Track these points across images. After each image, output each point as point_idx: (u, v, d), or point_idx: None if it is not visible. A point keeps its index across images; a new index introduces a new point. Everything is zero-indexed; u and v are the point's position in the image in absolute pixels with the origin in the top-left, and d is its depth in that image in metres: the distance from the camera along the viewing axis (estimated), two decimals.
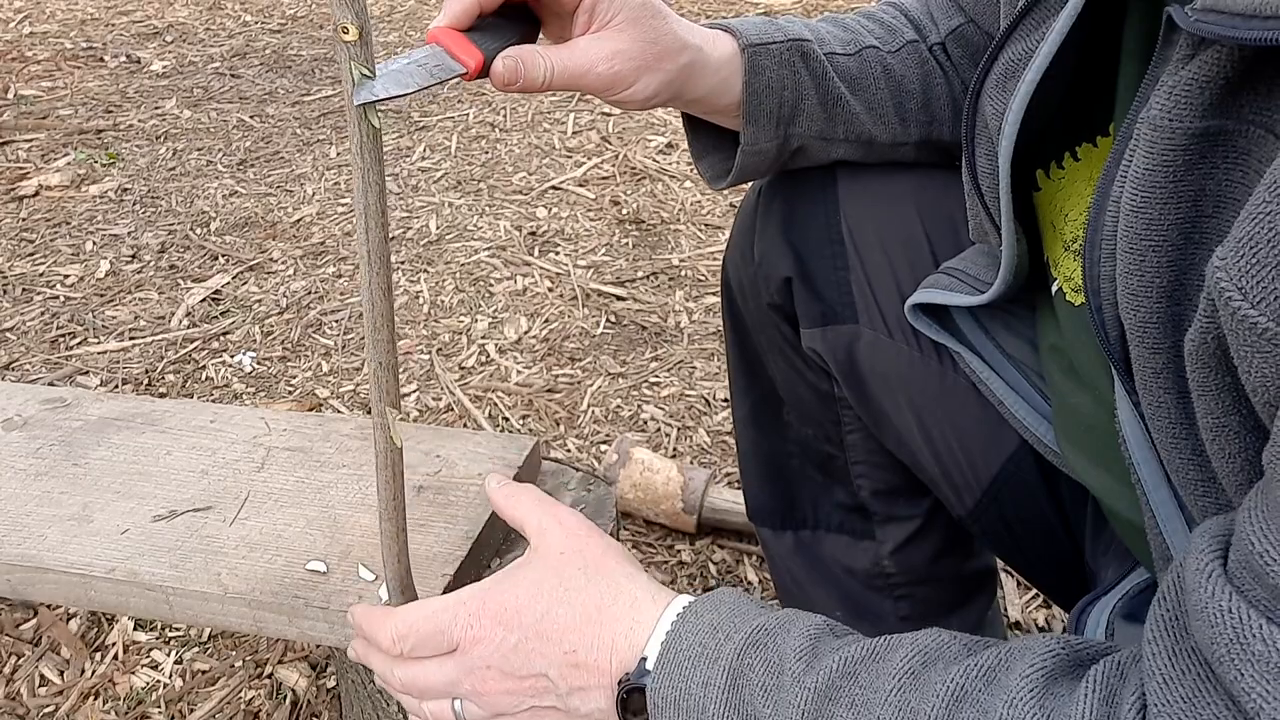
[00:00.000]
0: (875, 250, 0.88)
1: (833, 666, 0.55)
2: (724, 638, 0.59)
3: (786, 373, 0.98)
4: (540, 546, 0.65)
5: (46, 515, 0.99)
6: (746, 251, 0.94)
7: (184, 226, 2.50)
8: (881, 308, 0.88)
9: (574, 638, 0.61)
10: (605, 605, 0.61)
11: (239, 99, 3.30)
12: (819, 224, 0.89)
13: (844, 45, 0.86)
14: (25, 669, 1.33)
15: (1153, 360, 0.54)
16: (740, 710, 0.56)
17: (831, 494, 1.03)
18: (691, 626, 0.60)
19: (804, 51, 0.83)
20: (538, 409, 1.78)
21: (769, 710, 0.55)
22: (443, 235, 2.40)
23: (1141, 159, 0.51)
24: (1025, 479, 0.87)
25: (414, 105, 3.17)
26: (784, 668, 0.56)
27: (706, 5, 4.02)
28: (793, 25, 0.85)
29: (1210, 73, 0.48)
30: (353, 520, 0.96)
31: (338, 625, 0.88)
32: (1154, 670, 0.46)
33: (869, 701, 0.53)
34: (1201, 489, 0.56)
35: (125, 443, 1.09)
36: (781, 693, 0.55)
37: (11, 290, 2.26)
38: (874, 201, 0.88)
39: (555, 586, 0.63)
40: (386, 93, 0.61)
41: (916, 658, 0.55)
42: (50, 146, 2.98)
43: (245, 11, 4.26)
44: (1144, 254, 0.52)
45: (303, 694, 1.26)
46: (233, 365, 1.97)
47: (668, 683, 0.58)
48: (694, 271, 2.19)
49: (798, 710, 0.54)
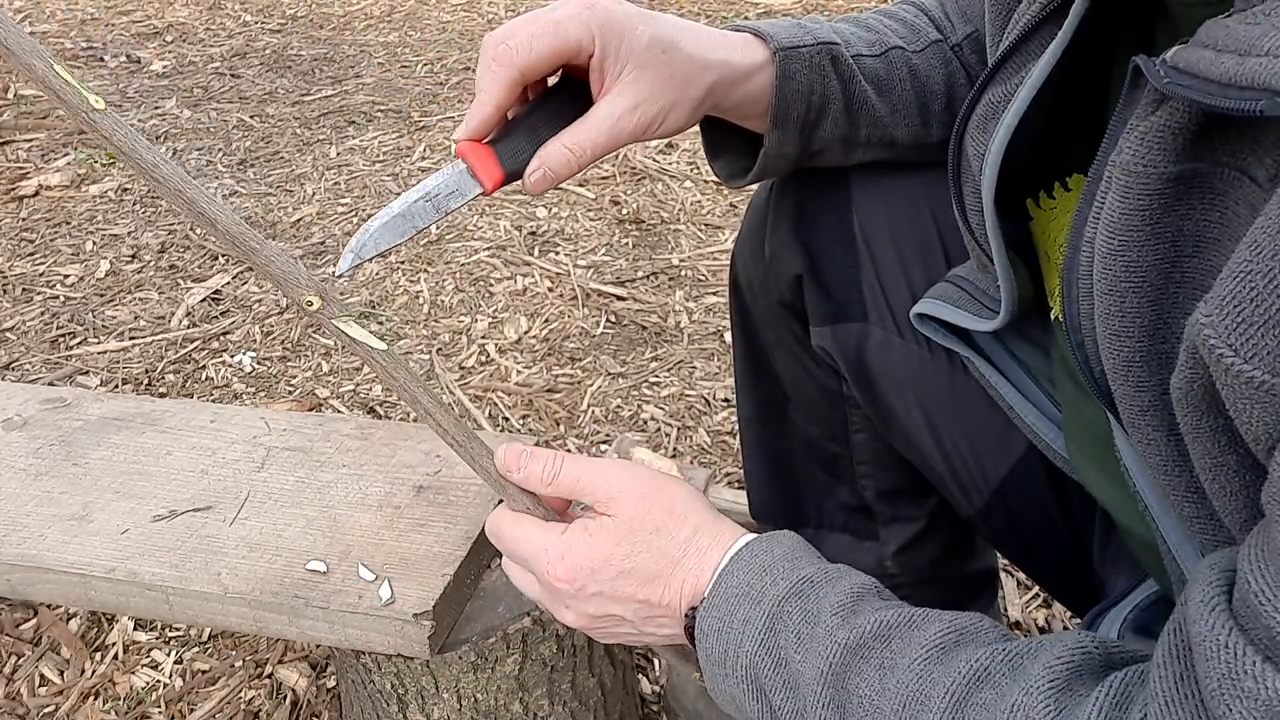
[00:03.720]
0: (887, 250, 0.87)
1: (867, 626, 0.57)
2: (770, 582, 0.62)
3: (795, 371, 0.98)
4: (615, 513, 0.68)
5: (46, 515, 0.99)
6: (757, 248, 0.93)
7: (184, 226, 2.50)
8: (892, 307, 0.88)
9: (646, 591, 0.66)
10: (675, 558, 0.65)
11: (239, 99, 3.30)
12: (831, 222, 0.89)
13: (870, 46, 0.84)
14: (25, 669, 1.33)
15: (1138, 398, 0.54)
16: (773, 653, 0.59)
17: (835, 494, 1.03)
18: (745, 565, 0.63)
19: (834, 55, 0.80)
20: (538, 409, 1.78)
21: (799, 657, 0.58)
22: (443, 235, 2.40)
23: (1115, 202, 0.51)
24: (1033, 482, 0.87)
25: (414, 105, 3.17)
26: (820, 619, 0.59)
27: (706, 5, 4.02)
28: (819, 27, 0.83)
29: (1181, 119, 0.48)
30: (353, 520, 0.96)
31: (338, 625, 0.88)
32: (1157, 693, 0.47)
33: (894, 666, 0.55)
34: (1199, 525, 0.56)
35: (125, 443, 1.09)
36: (814, 643, 0.58)
37: (11, 290, 2.26)
38: (887, 200, 0.88)
39: (628, 553, 0.66)
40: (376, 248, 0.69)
41: (950, 634, 0.56)
42: (50, 146, 2.98)
43: (245, 11, 4.26)
44: (1124, 295, 0.52)
45: (303, 694, 1.26)
46: (233, 365, 1.97)
47: (714, 613, 0.62)
48: (694, 271, 2.19)
49: (825, 661, 0.57)
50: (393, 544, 0.93)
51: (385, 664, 0.93)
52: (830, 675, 0.57)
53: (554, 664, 0.95)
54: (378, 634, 0.87)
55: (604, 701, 1.03)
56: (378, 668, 0.94)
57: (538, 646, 0.93)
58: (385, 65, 3.56)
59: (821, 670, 0.57)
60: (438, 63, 3.55)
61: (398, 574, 0.89)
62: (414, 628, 0.85)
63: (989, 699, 0.52)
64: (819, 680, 0.57)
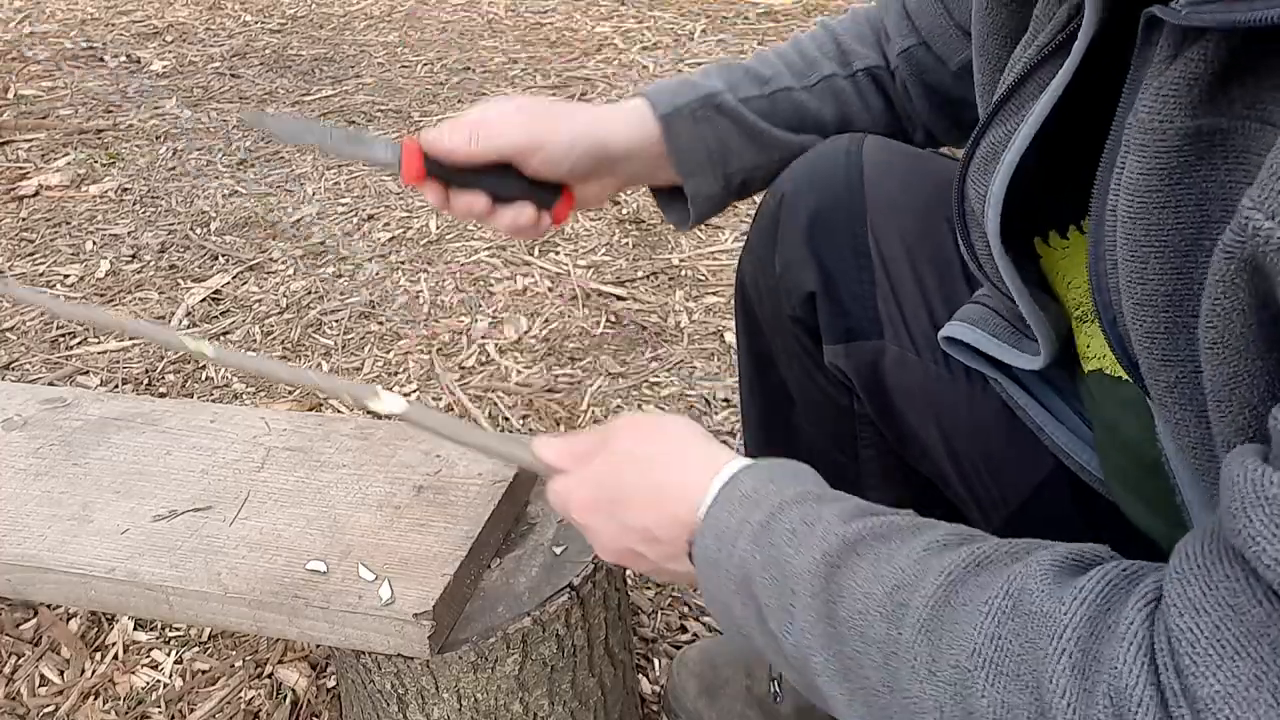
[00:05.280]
0: (902, 265, 0.86)
1: (871, 525, 0.57)
2: (774, 490, 0.62)
3: (804, 383, 0.96)
4: (611, 446, 0.72)
5: (46, 515, 0.99)
6: (766, 259, 0.92)
7: (184, 226, 2.50)
8: (908, 324, 0.86)
9: (647, 518, 0.67)
10: (663, 484, 0.67)
11: (239, 99, 3.30)
12: (844, 236, 0.87)
13: (760, 87, 0.91)
14: (25, 669, 1.33)
15: (1165, 373, 0.52)
16: (765, 549, 0.59)
17: None
18: (750, 474, 0.64)
19: (718, 104, 0.89)
20: (538, 409, 1.78)
21: (791, 551, 0.58)
22: (443, 235, 2.40)
23: (1134, 163, 0.50)
24: (1058, 505, 0.84)
25: (414, 105, 3.18)
26: (819, 520, 0.59)
27: (706, 5, 4.02)
28: (706, 80, 0.91)
29: (1197, 69, 0.47)
30: (353, 520, 0.96)
31: (338, 625, 0.88)
32: (1181, 546, 0.46)
33: (891, 557, 0.54)
34: None
35: (125, 443, 1.09)
36: (810, 539, 0.57)
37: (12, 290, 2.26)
38: (902, 213, 0.87)
39: (619, 482, 0.69)
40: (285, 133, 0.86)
41: (954, 534, 0.56)
42: (50, 146, 2.98)
43: (245, 11, 4.26)
44: (1145, 261, 0.50)
45: (303, 694, 1.26)
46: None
47: (711, 518, 0.63)
48: (694, 271, 2.19)
49: (820, 552, 0.56)
50: (393, 544, 0.93)
51: (385, 664, 0.93)
52: (823, 567, 0.55)
53: (554, 664, 0.95)
54: (378, 634, 0.87)
55: (604, 701, 1.03)
56: (378, 668, 0.94)
57: (538, 646, 0.93)
58: (385, 65, 3.56)
59: (814, 561, 0.56)
60: (438, 63, 3.55)
61: (398, 574, 0.89)
62: (414, 628, 0.85)
63: (985, 580, 0.51)
64: (810, 571, 0.56)
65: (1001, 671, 0.48)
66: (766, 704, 1.15)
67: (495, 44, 3.73)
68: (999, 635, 0.48)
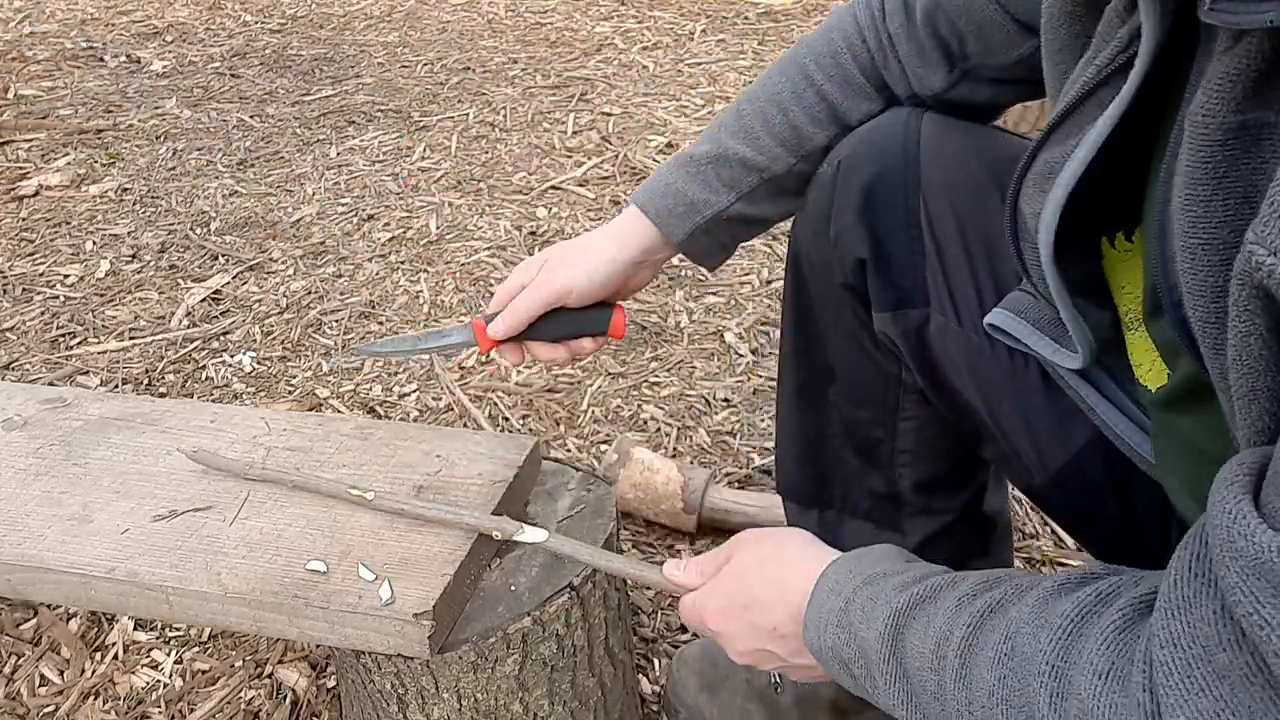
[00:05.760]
0: (953, 239, 0.87)
1: (919, 591, 0.66)
2: (850, 577, 0.72)
3: (851, 352, 0.97)
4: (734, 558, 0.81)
5: (46, 515, 0.99)
6: (821, 228, 0.93)
7: (184, 226, 2.50)
8: (954, 297, 0.88)
9: (773, 616, 0.76)
10: (783, 586, 0.76)
11: (239, 99, 3.30)
12: (897, 207, 0.88)
13: (757, 177, 0.96)
14: (25, 669, 1.33)
15: (1217, 361, 0.53)
16: (846, 629, 0.69)
17: (865, 480, 1.02)
18: (834, 569, 0.74)
19: (726, 217, 0.96)
20: (538, 409, 1.78)
21: (864, 628, 0.68)
22: (443, 235, 2.40)
23: (1186, 154, 0.50)
24: (1092, 475, 0.86)
25: (414, 105, 3.18)
26: (882, 594, 0.69)
27: (706, 5, 4.02)
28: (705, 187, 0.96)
29: (1242, 64, 0.47)
30: (353, 520, 0.96)
31: (338, 625, 0.88)
32: (1170, 570, 0.50)
33: (933, 615, 0.64)
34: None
35: (125, 443, 1.09)
36: (875, 613, 0.68)
37: (11, 290, 2.26)
38: (956, 188, 0.87)
39: (747, 588, 0.78)
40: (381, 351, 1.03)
41: (981, 583, 0.64)
42: (50, 146, 2.98)
43: (245, 11, 4.26)
44: (1195, 251, 0.51)
45: (303, 694, 1.26)
46: (233, 365, 1.97)
47: (811, 613, 0.73)
48: (694, 271, 2.19)
49: (884, 624, 0.66)
50: (393, 544, 0.93)
51: (385, 664, 0.93)
52: (889, 635, 0.66)
53: (554, 664, 0.95)
54: (378, 634, 0.87)
55: (604, 701, 1.03)
56: (378, 668, 0.94)
57: (538, 646, 0.93)
58: (385, 65, 3.56)
59: (881, 633, 0.66)
60: (438, 63, 3.55)
61: (398, 574, 0.89)
62: (414, 628, 0.85)
63: (994, 624, 0.59)
64: (880, 641, 0.66)
65: (1011, 706, 0.57)
66: (768, 695, 1.15)
67: (495, 44, 3.73)
68: (1003, 676, 0.57)
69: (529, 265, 0.99)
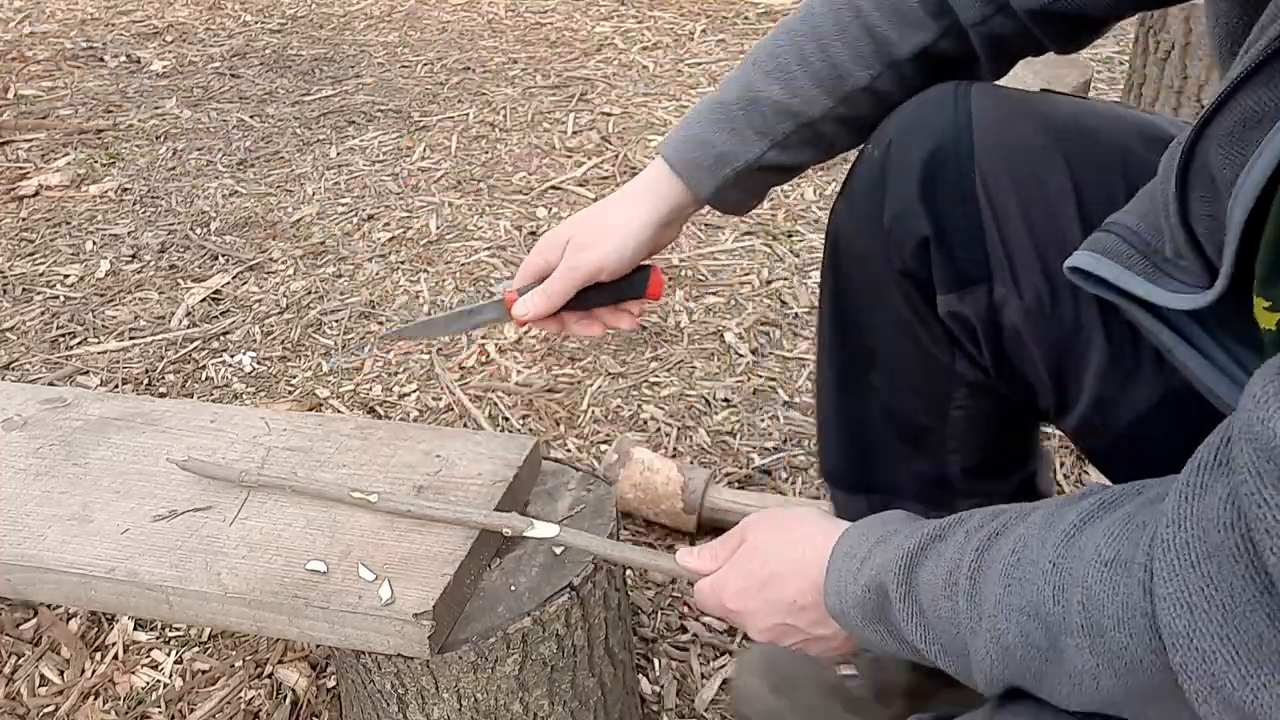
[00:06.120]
0: (1011, 211, 0.83)
1: (929, 531, 0.68)
2: (865, 541, 0.74)
3: (902, 342, 0.93)
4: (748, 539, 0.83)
5: (46, 515, 0.99)
6: (871, 213, 0.88)
7: (184, 226, 2.50)
8: (1015, 269, 0.83)
9: (790, 589, 0.77)
10: (800, 559, 0.77)
11: (239, 99, 3.30)
12: (953, 183, 0.84)
13: (792, 123, 0.90)
14: (25, 669, 1.33)
15: None
16: (864, 584, 0.71)
17: (912, 462, 1.00)
18: (847, 537, 0.76)
19: (759, 166, 0.91)
20: (538, 409, 1.78)
21: (881, 575, 0.69)
22: (443, 235, 2.40)
23: None
24: (1158, 435, 0.81)
25: (414, 105, 3.18)
26: (893, 544, 0.71)
27: (706, 5, 4.02)
28: (735, 135, 0.91)
29: None
30: (353, 520, 0.96)
31: (338, 625, 0.88)
32: (1194, 457, 0.52)
33: (945, 548, 0.66)
34: None
35: (125, 443, 1.09)
36: (889, 557, 0.69)
37: (11, 290, 2.26)
38: (1011, 157, 0.83)
39: (763, 565, 0.80)
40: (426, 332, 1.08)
41: (988, 516, 0.66)
42: (50, 146, 2.98)
43: (245, 11, 4.26)
44: None
45: (303, 694, 1.26)
46: (233, 365, 1.97)
47: (830, 579, 0.74)
48: (694, 271, 2.19)
49: (897, 564, 0.68)
50: (393, 544, 0.93)
51: (385, 664, 0.93)
52: (903, 575, 0.68)
53: (554, 664, 0.95)
54: (378, 634, 0.87)
55: (604, 701, 1.03)
56: (378, 668, 0.94)
57: (538, 646, 0.93)
58: (385, 65, 3.56)
59: (896, 573, 0.68)
60: (438, 63, 3.55)
61: (398, 574, 0.89)
62: (414, 628, 0.85)
63: (1003, 541, 0.61)
64: (895, 582, 0.68)
65: (1016, 610, 0.59)
66: (841, 689, 1.13)
67: (495, 44, 3.73)
68: (1009, 585, 0.59)
69: (553, 241, 0.95)
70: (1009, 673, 0.61)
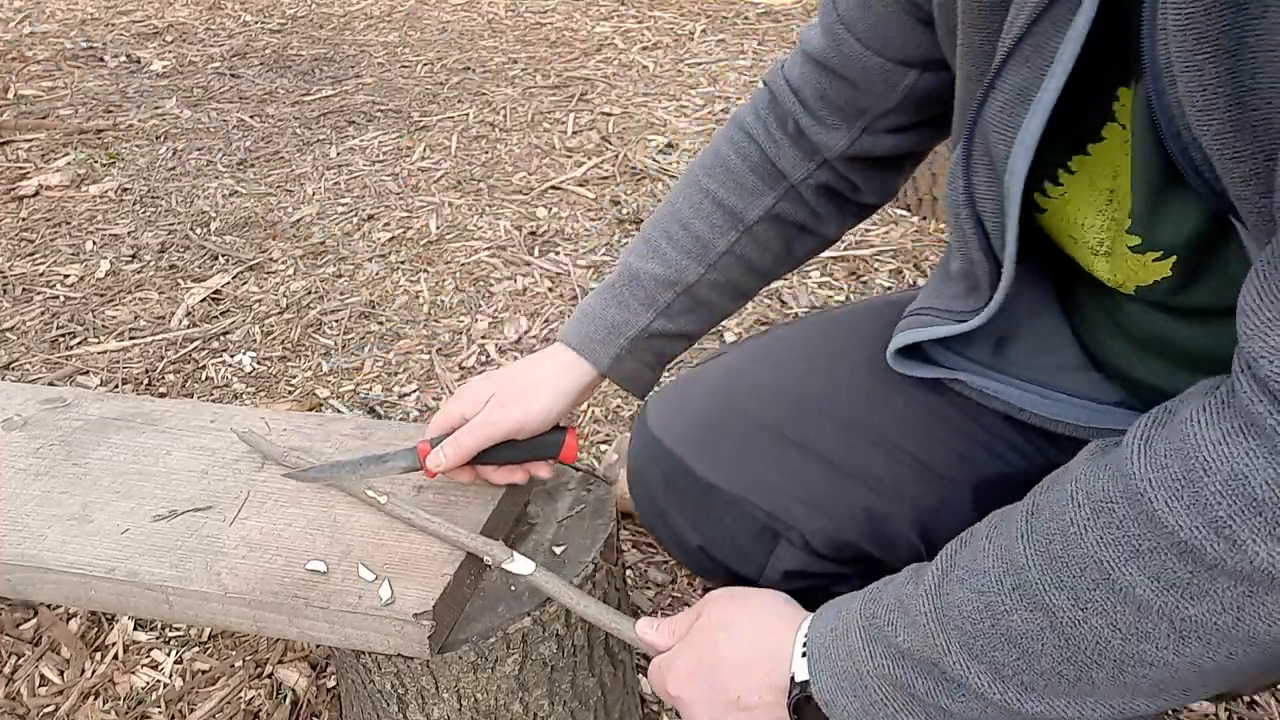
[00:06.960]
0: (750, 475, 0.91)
1: (935, 568, 0.65)
2: (846, 613, 0.69)
3: None
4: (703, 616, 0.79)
5: (46, 515, 0.99)
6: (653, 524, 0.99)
7: (184, 226, 2.50)
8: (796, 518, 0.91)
9: (737, 681, 0.73)
10: (753, 648, 0.73)
11: (239, 99, 3.30)
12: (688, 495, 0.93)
13: (671, 291, 0.95)
14: (25, 669, 1.33)
15: (1238, 169, 0.55)
16: (883, 644, 0.66)
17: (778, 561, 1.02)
18: (821, 621, 0.71)
19: (648, 335, 0.96)
20: None
21: (904, 629, 0.65)
22: (443, 235, 2.40)
23: (1171, 12, 0.51)
24: None
25: (414, 105, 3.18)
26: (901, 596, 0.66)
27: (706, 5, 4.02)
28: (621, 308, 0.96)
29: None
30: (353, 520, 0.96)
31: (338, 625, 0.88)
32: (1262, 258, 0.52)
33: (971, 567, 0.63)
34: None
35: (125, 443, 1.09)
36: (906, 612, 0.65)
37: (11, 290, 2.26)
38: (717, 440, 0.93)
39: (713, 648, 0.75)
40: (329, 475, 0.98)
41: (995, 517, 0.64)
42: (50, 146, 2.99)
43: (245, 11, 4.26)
44: (1201, 69, 0.52)
45: (303, 694, 1.26)
46: (233, 365, 1.97)
47: (823, 665, 0.69)
48: None
49: (923, 613, 0.64)
50: (393, 544, 0.93)
51: (385, 664, 0.93)
52: (934, 613, 0.63)
53: (554, 664, 0.95)
54: (378, 634, 0.87)
55: (604, 701, 1.03)
56: (378, 668, 0.94)
57: (538, 646, 0.93)
58: (385, 65, 3.56)
59: (921, 621, 0.64)
60: (438, 63, 3.55)
61: (398, 574, 0.89)
62: (414, 628, 0.85)
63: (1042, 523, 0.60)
64: (927, 622, 0.64)
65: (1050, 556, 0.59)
66: None
67: (495, 44, 3.73)
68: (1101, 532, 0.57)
69: (473, 394, 0.95)
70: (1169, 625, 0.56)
